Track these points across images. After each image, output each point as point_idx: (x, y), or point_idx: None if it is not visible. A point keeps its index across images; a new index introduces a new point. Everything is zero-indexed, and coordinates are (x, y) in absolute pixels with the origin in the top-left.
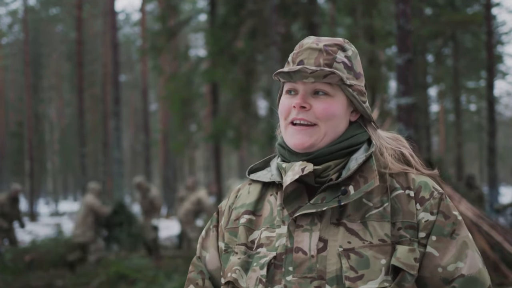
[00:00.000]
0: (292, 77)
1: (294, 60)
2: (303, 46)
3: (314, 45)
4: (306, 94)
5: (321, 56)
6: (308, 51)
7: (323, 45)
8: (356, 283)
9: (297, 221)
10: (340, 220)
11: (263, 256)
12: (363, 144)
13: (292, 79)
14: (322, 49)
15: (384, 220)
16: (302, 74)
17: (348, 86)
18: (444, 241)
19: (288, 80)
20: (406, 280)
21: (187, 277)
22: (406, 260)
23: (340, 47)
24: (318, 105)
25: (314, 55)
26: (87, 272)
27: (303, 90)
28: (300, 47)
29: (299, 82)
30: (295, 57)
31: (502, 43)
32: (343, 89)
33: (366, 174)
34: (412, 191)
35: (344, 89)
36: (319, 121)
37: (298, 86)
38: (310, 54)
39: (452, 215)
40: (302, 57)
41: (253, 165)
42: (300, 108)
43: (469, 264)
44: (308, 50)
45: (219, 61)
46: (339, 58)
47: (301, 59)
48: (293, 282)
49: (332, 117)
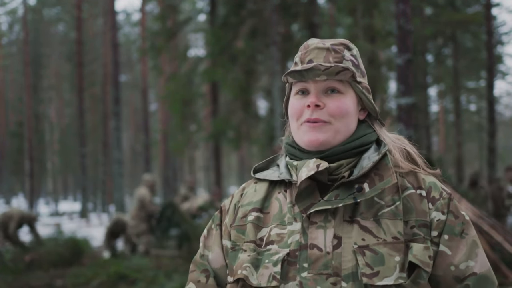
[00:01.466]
0: (305, 75)
1: (302, 60)
2: (310, 47)
3: (321, 45)
4: (319, 93)
5: (330, 55)
6: (316, 51)
7: (330, 44)
8: (372, 279)
9: (311, 218)
10: (353, 217)
11: (275, 253)
12: (372, 144)
13: (304, 78)
14: (330, 48)
15: (396, 218)
16: (315, 72)
17: (358, 83)
18: (456, 240)
19: (299, 79)
20: (422, 277)
21: (188, 277)
22: (422, 257)
23: (346, 46)
24: (332, 103)
25: (323, 54)
26: (87, 272)
27: (315, 89)
28: (306, 47)
29: (310, 82)
30: (304, 57)
31: (502, 43)
32: (353, 86)
33: (381, 172)
34: (424, 190)
35: (354, 86)
36: (332, 119)
37: (309, 86)
38: (319, 53)
39: (461, 215)
40: (311, 57)
41: (257, 165)
42: (315, 107)
43: (480, 263)
44: (316, 50)
45: (219, 61)
46: (347, 56)
47: (311, 58)
48: (309, 279)
49: (345, 114)
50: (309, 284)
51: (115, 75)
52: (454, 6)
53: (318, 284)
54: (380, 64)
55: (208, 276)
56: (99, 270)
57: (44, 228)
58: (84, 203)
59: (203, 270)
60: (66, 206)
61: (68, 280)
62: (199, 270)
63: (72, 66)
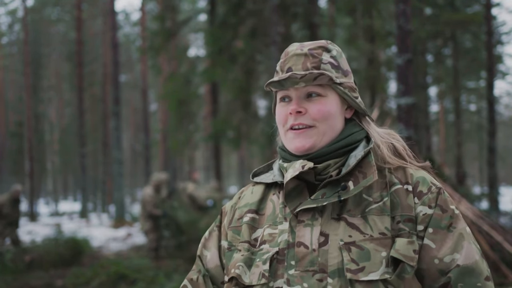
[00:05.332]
0: (284, 85)
1: (282, 68)
2: (289, 54)
3: (299, 51)
4: (300, 99)
5: (308, 60)
6: (294, 58)
7: (308, 50)
8: (357, 275)
9: (299, 217)
10: (340, 215)
11: (265, 252)
12: (361, 142)
13: (284, 87)
14: (308, 53)
15: (384, 214)
16: (293, 80)
17: (339, 85)
18: (441, 234)
19: (280, 88)
20: (406, 271)
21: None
22: (405, 252)
23: (324, 49)
24: (313, 107)
25: (301, 60)
26: (87, 272)
27: (296, 96)
28: (286, 55)
29: (291, 89)
30: (283, 65)
31: (502, 43)
32: (334, 88)
33: (365, 170)
34: (411, 185)
35: (335, 87)
36: (316, 122)
37: (290, 93)
38: (297, 60)
39: (450, 209)
40: (289, 64)
41: (257, 169)
42: (297, 114)
43: (465, 255)
44: (294, 57)
45: (219, 61)
46: (325, 59)
47: (289, 66)
48: (296, 276)
49: (328, 116)
50: (296, 281)
51: (115, 75)
52: (454, 6)
53: (304, 281)
54: (380, 64)
55: (199, 275)
56: (99, 270)
57: (44, 228)
58: (84, 203)
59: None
60: (66, 206)
61: (68, 280)
62: (196, 269)
63: (72, 66)
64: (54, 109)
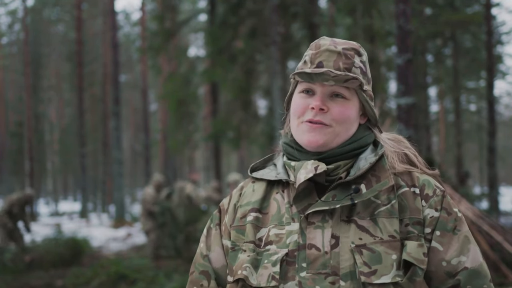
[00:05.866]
0: (314, 78)
1: (312, 61)
2: (321, 48)
3: (333, 47)
4: (325, 96)
5: (340, 60)
6: (327, 53)
7: (342, 48)
8: (370, 278)
9: (309, 218)
10: (350, 217)
11: (274, 253)
12: (369, 145)
13: (312, 81)
14: (341, 52)
15: (392, 216)
16: (324, 77)
17: (364, 91)
18: (448, 236)
19: (307, 80)
20: (417, 274)
21: (189, 279)
22: (416, 255)
23: (356, 51)
24: (336, 108)
25: (333, 57)
26: (87, 272)
27: (321, 92)
28: (317, 48)
29: (318, 84)
30: (314, 58)
31: (502, 43)
32: (358, 94)
33: (378, 173)
34: (417, 188)
35: (360, 94)
36: (334, 122)
37: (315, 87)
38: (329, 56)
39: (454, 212)
40: (321, 59)
41: (254, 164)
42: (319, 111)
43: (471, 258)
44: (326, 52)
45: (219, 61)
46: (357, 63)
47: (320, 60)
48: (307, 278)
49: (347, 119)
50: (308, 283)
51: (115, 75)
52: (453, 6)
53: (317, 284)
54: (380, 64)
55: (209, 279)
56: (99, 270)
57: (44, 228)
58: (84, 203)
59: (202, 272)
60: (66, 206)
61: (68, 280)
62: (197, 271)
63: (72, 66)
64: (54, 109)
